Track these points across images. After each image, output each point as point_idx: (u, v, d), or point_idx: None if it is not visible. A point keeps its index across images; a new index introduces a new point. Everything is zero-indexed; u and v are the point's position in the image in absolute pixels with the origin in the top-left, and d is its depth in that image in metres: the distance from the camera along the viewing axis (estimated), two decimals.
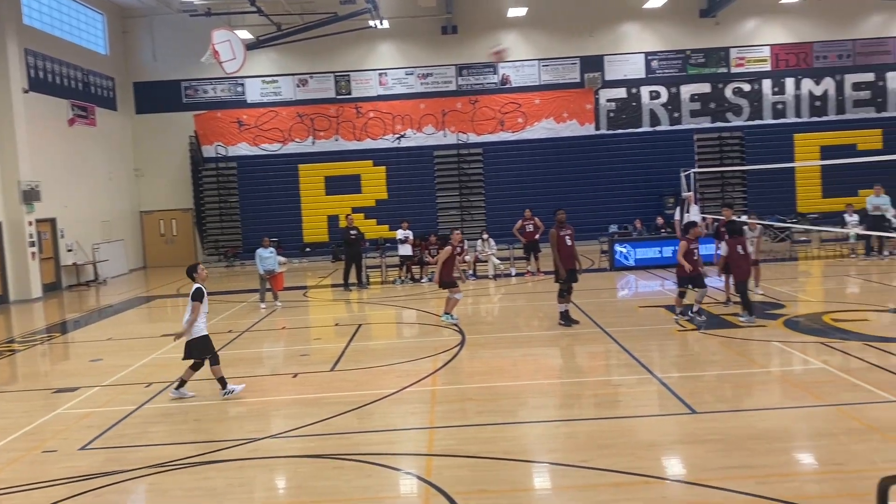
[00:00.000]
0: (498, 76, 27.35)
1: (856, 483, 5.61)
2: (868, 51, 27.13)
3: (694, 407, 7.73)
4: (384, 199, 27.27)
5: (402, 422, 7.86)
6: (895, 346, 9.83)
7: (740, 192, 27.10)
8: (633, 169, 26.72)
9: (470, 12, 26.85)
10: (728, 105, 27.38)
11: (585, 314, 13.24)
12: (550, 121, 27.35)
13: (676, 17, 26.96)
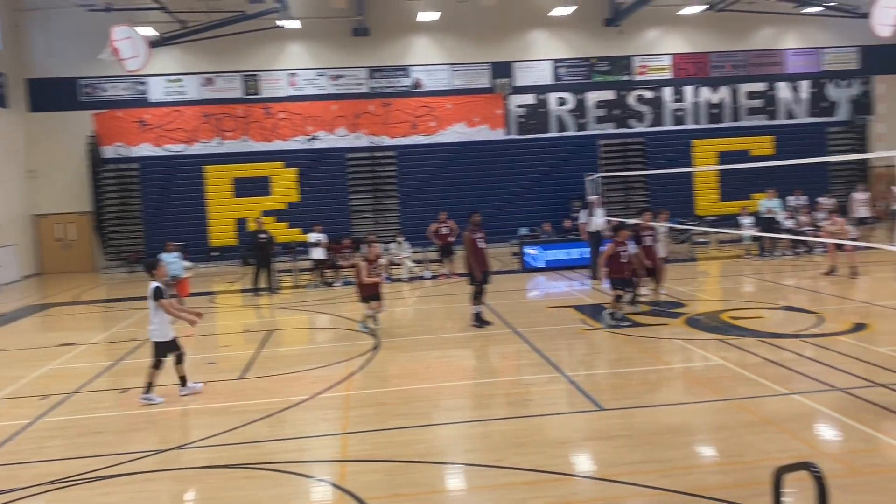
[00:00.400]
0: (410, 79, 27.40)
1: (753, 473, 5.90)
2: (760, 61, 28.68)
3: (601, 404, 7.95)
4: (295, 201, 26.84)
5: (315, 428, 7.75)
6: (787, 341, 10.41)
7: (643, 196, 28.10)
8: (542, 173, 27.29)
9: (382, 15, 26.79)
10: (631, 112, 28.35)
11: (497, 315, 13.42)
12: (462, 125, 27.62)
13: (582, 26, 27.73)
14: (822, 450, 6.48)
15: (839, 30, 28.06)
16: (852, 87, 28.96)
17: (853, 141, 28.69)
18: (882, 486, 5.60)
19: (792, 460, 4.55)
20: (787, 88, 28.76)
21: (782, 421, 7.14)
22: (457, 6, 26.18)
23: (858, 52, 28.74)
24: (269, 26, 24.73)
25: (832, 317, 11.99)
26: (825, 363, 9.12)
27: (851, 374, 8.57)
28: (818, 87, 28.85)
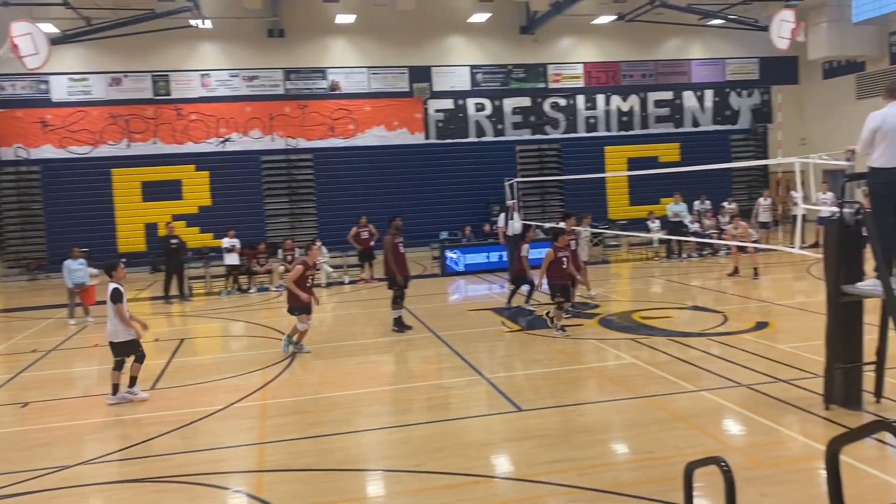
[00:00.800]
0: (327, 81, 27.12)
1: (665, 469, 6.11)
2: (667, 71, 29.78)
3: (520, 405, 8.07)
4: (208, 205, 26.11)
5: (231, 439, 7.55)
6: (695, 340, 10.84)
7: (558, 201, 28.72)
8: (462, 177, 27.50)
9: (297, 16, 26.41)
10: (546, 118, 28.93)
11: (418, 319, 13.43)
12: (381, 128, 27.53)
13: (499, 33, 28.11)
14: (729, 444, 6.77)
15: (740, 42, 29.46)
16: (753, 96, 30.44)
17: (754, 148, 30.15)
18: (783, 477, 5.90)
19: (701, 455, 4.73)
20: (693, 97, 29.96)
21: (691, 417, 7.42)
22: (374, 9, 26.08)
23: (758, 63, 30.24)
24: (180, 25, 23.98)
25: (736, 316, 12.55)
26: (730, 360, 9.54)
27: (754, 370, 8.99)
28: (721, 96, 30.19)
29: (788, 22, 21.99)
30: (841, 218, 7.20)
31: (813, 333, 10.06)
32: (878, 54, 26.95)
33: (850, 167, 7.38)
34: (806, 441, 6.64)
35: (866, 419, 6.93)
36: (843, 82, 28.78)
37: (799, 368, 8.87)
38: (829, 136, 27.45)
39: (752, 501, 5.41)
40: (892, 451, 6.13)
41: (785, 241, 20.75)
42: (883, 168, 6.99)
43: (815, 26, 26.83)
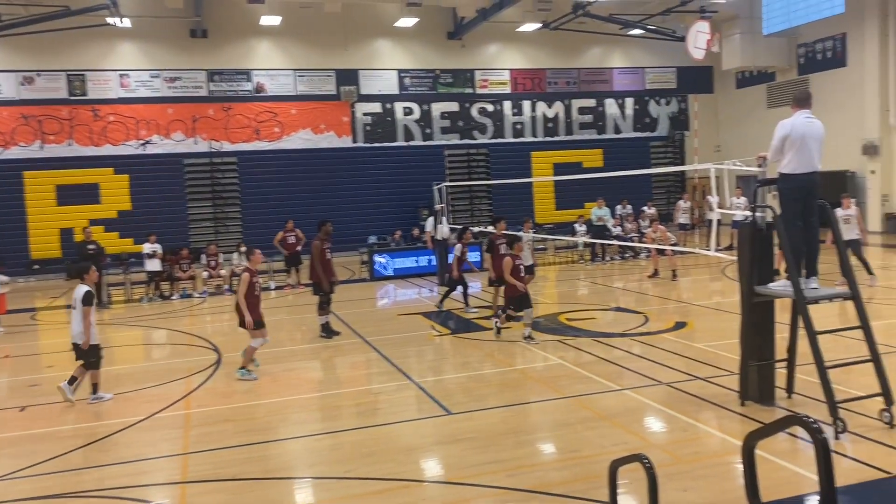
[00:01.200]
0: (252, 83, 26.63)
1: (591, 467, 6.25)
2: (590, 79, 30.51)
3: (449, 408, 8.12)
4: (127, 210, 25.25)
5: (153, 450, 7.33)
6: (617, 340, 11.12)
7: (486, 205, 29.02)
8: (390, 181, 27.46)
9: (221, 17, 25.86)
10: (474, 123, 29.20)
11: (347, 325, 13.33)
12: (308, 131, 27.22)
13: (426, 38, 28.22)
14: (651, 441, 6.98)
15: (659, 51, 30.45)
16: (671, 104, 31.51)
17: (672, 154, 31.21)
18: (703, 471, 6.12)
19: (625, 453, 4.87)
20: (615, 105, 30.79)
21: (615, 416, 7.61)
22: (300, 11, 25.79)
23: (676, 72, 31.32)
24: (97, 24, 23.14)
25: (656, 316, 12.94)
26: (651, 359, 9.84)
27: (674, 368, 9.30)
28: (641, 104, 31.13)
29: (704, 33, 22.87)
30: (753, 221, 7.53)
31: (728, 332, 10.49)
32: (787, 65, 28.33)
33: (761, 173, 7.72)
34: (723, 436, 6.90)
35: (779, 414, 7.25)
36: (754, 92, 30.12)
37: (716, 366, 9.22)
38: (741, 143, 28.69)
39: (673, 496, 5.60)
40: (803, 444, 6.44)
41: (702, 244, 21.52)
42: (791, 174, 7.35)
43: (728, 38, 28.02)
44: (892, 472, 5.86)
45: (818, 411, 6.93)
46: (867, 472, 5.90)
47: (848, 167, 25.65)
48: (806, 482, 5.75)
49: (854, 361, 7.24)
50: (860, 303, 7.12)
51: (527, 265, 14.80)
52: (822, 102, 22.02)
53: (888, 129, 24.58)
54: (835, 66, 26.53)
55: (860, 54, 25.09)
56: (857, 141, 25.09)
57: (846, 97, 25.58)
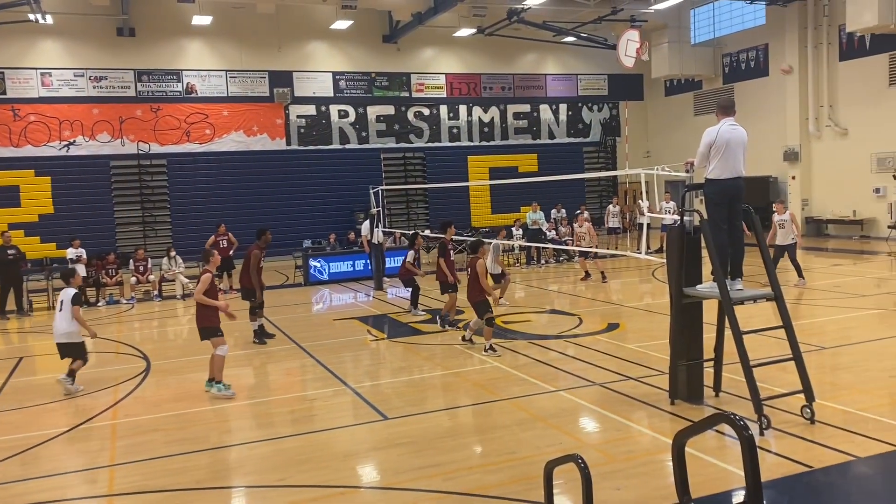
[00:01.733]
0: (182, 84, 25.98)
1: (527, 468, 6.30)
2: (525, 85, 30.90)
3: (386, 413, 8.07)
4: (49, 213, 24.28)
5: (77, 462, 7.05)
6: (552, 342, 11.27)
7: (423, 209, 29.04)
8: (326, 185, 27.19)
9: (149, 15, 25.13)
10: (410, 127, 29.19)
11: (281, 330, 13.13)
12: (240, 133, 26.70)
13: (362, 41, 28.07)
14: (586, 441, 7.09)
15: (591, 59, 31.07)
16: (603, 111, 32.18)
17: (604, 159, 31.88)
18: (635, 470, 6.25)
19: (560, 453, 4.92)
20: (549, 110, 31.27)
21: (550, 417, 7.71)
22: (232, 12, 25.31)
23: (607, 79, 32.01)
24: (16, 20, 22.19)
25: (589, 318, 13.18)
26: (585, 360, 10.00)
27: (607, 369, 9.47)
28: (574, 110, 31.69)
29: (634, 41, 23.43)
30: (682, 225, 7.75)
31: (659, 333, 10.75)
32: (713, 74, 29.31)
33: (689, 178, 7.95)
34: (654, 435, 7.06)
35: (707, 412, 7.47)
36: (682, 99, 31.04)
37: (647, 366, 9.44)
38: (670, 148, 29.54)
39: (607, 495, 5.69)
40: (730, 441, 6.65)
41: (632, 248, 22.03)
42: (717, 179, 7.60)
43: (657, 46, 28.81)
44: (813, 466, 6.11)
45: (744, 409, 7.17)
46: (790, 466, 6.12)
47: (770, 173, 26.70)
48: (733, 477, 5.93)
49: (777, 360, 7.52)
50: (782, 303, 7.40)
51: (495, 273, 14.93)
52: (745, 110, 22.85)
53: (808, 137, 25.68)
54: (757, 75, 27.59)
55: (781, 64, 26.14)
56: (778, 148, 26.13)
57: (768, 105, 26.61)
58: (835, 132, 24.94)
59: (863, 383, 8.44)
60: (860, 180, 23.99)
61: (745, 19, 28.12)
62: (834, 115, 24.98)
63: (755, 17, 27.64)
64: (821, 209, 25.70)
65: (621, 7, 25.49)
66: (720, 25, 29.24)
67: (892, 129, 22.98)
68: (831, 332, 11.15)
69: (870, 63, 23.63)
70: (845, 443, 6.53)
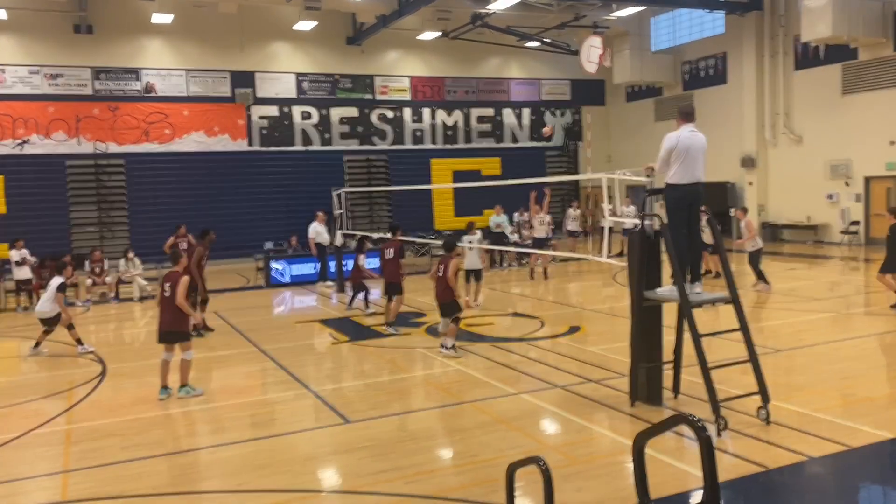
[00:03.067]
0: (141, 83, 25.51)
1: (488, 471, 6.31)
2: (488, 89, 31.04)
3: (347, 416, 8.02)
4: (1, 213, 23.64)
5: (29, 469, 6.86)
6: (515, 345, 11.32)
7: (386, 211, 28.96)
8: (288, 186, 26.93)
9: (108, 12, 24.64)
10: (374, 130, 29.10)
11: (241, 333, 12.96)
12: (201, 134, 26.33)
13: (325, 42, 27.91)
14: (547, 443, 7.13)
15: (554, 64, 31.34)
16: (565, 115, 32.48)
17: (567, 163, 32.16)
18: (596, 472, 6.30)
19: (522, 456, 4.93)
20: (512, 115, 31.45)
21: (512, 419, 7.73)
22: (193, 10, 24.96)
23: (570, 84, 32.32)
24: None
25: (551, 321, 13.26)
26: (547, 363, 10.07)
27: (568, 372, 9.54)
28: (537, 114, 31.92)
29: (596, 48, 23.70)
30: (642, 229, 7.85)
31: (619, 336, 10.85)
32: (673, 81, 29.79)
33: (649, 183, 8.06)
34: (615, 437, 7.13)
35: (666, 414, 7.57)
36: (643, 105, 31.48)
37: (607, 369, 9.53)
38: (631, 154, 29.91)
39: (568, 496, 5.73)
40: (688, 443, 6.74)
41: (594, 251, 22.24)
42: (677, 184, 7.71)
43: (619, 53, 29.18)
44: (768, 466, 6.23)
45: (702, 410, 7.28)
46: (747, 466, 6.24)
47: (728, 178, 27.21)
48: (691, 478, 6.02)
49: (734, 363, 7.65)
50: (739, 306, 7.53)
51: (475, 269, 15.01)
52: (704, 117, 23.22)
53: (764, 144, 26.25)
54: (716, 83, 28.11)
55: (739, 72, 26.68)
56: (736, 154, 26.65)
57: (726, 112, 27.13)
58: (790, 139, 25.54)
59: (816, 385, 8.64)
60: (814, 186, 24.60)
61: (705, 28, 28.64)
62: (789, 123, 25.58)
63: (714, 25, 28.17)
64: (776, 214, 26.28)
65: (584, 13, 25.76)
66: (680, 34, 29.74)
67: (844, 137, 23.62)
68: (786, 334, 11.40)
69: (824, 72, 24.25)
70: (799, 443, 6.67)
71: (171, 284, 9.02)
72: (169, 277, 9.15)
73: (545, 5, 25.62)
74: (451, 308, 10.73)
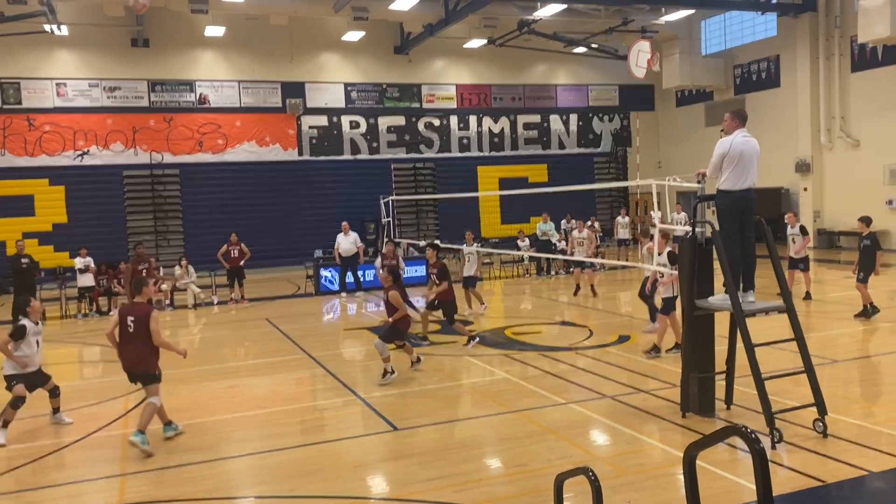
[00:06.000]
0: (195, 95, 26.17)
1: (537, 481, 6.27)
2: (535, 95, 30.95)
3: (396, 424, 8.06)
4: (63, 222, 24.49)
5: (89, 471, 7.08)
6: (563, 354, 11.24)
7: (433, 219, 29.09)
8: (336, 195, 27.30)
9: (163, 26, 25.38)
10: (421, 138, 29.28)
11: (292, 340, 13.15)
12: (253, 144, 26.87)
13: (373, 52, 28.23)
14: (596, 454, 7.06)
15: (602, 69, 31.10)
16: (613, 121, 32.18)
17: (615, 170, 31.84)
18: (646, 483, 6.21)
19: (570, 466, 4.91)
20: (559, 121, 31.30)
21: (561, 429, 7.68)
22: (245, 23, 25.52)
23: (618, 90, 32.02)
24: (33, 30, 22.46)
25: (601, 330, 13.13)
26: (596, 373, 9.96)
27: (618, 382, 9.43)
28: (585, 120, 31.70)
29: (645, 52, 23.45)
30: (694, 237, 7.72)
31: (670, 345, 10.69)
32: (724, 85, 29.26)
33: (700, 189, 7.93)
34: (665, 448, 7.02)
35: (719, 425, 7.42)
36: (693, 110, 31.00)
37: (658, 379, 9.39)
38: (681, 159, 29.48)
39: None
40: (741, 455, 6.60)
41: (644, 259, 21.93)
42: (729, 190, 7.57)
43: (668, 57, 28.81)
44: (825, 481, 6.05)
45: (756, 422, 7.12)
46: (802, 480, 6.07)
47: (782, 184, 26.58)
48: (744, 491, 5.88)
49: (789, 373, 7.47)
50: (794, 315, 7.35)
51: (467, 276, 15.10)
52: (757, 121, 22.80)
53: (819, 148, 25.57)
54: (769, 86, 27.53)
55: (792, 75, 26.08)
56: (790, 159, 26.03)
57: (780, 116, 26.53)
58: (847, 143, 24.83)
59: (875, 397, 8.38)
60: (873, 192, 23.85)
61: (757, 30, 28.09)
62: (846, 127, 24.88)
63: (766, 28, 27.61)
64: (833, 221, 25.56)
65: (632, 18, 25.52)
66: (731, 36, 29.22)
67: None
68: (844, 345, 11.07)
69: (882, 74, 23.54)
70: (858, 457, 6.47)
71: (134, 320, 7.70)
72: (131, 311, 7.84)
73: (593, 10, 25.45)
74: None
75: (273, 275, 23.53)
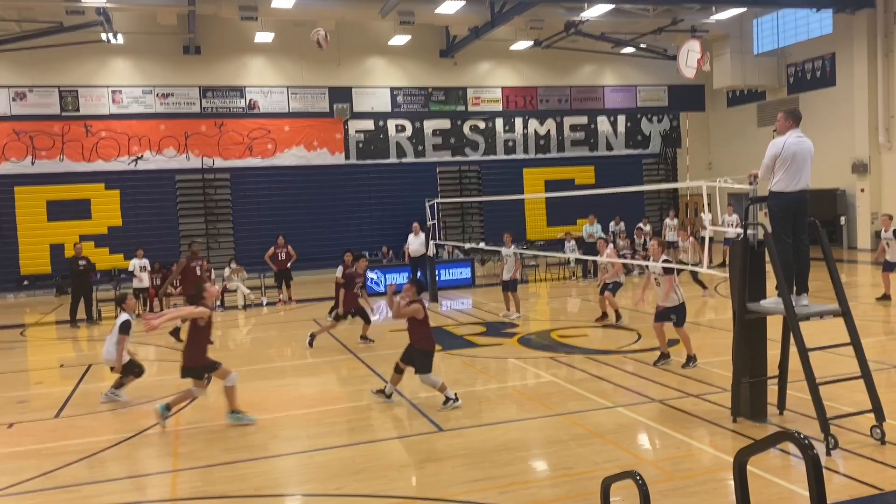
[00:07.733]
0: (245, 100, 26.68)
1: (583, 484, 6.22)
2: (582, 97, 30.70)
3: (441, 425, 8.08)
4: (118, 225, 25.19)
5: (142, 467, 7.27)
6: (610, 357, 11.11)
7: (478, 221, 29.07)
8: (382, 197, 27.51)
9: (214, 33, 25.94)
10: (466, 141, 29.30)
11: (338, 340, 13.29)
12: (301, 148, 27.26)
13: (419, 56, 28.37)
14: (644, 458, 6.96)
15: (651, 70, 30.69)
16: (663, 122, 31.71)
17: (664, 171, 31.37)
18: (695, 488, 6.10)
19: (617, 470, 4.85)
20: (606, 122, 30.98)
21: (608, 433, 7.59)
22: (293, 29, 25.89)
23: (667, 90, 31.55)
24: (90, 40, 23.20)
25: (648, 334, 12.93)
26: (643, 377, 9.83)
27: (666, 386, 9.29)
28: (633, 121, 31.31)
29: (695, 52, 23.06)
30: (745, 239, 7.56)
31: (721, 349, 10.49)
32: (777, 84, 28.59)
33: (752, 191, 7.77)
34: (715, 453, 6.89)
35: (771, 430, 7.25)
36: (745, 110, 30.36)
37: (708, 383, 9.22)
38: (732, 160, 28.88)
39: None
40: (794, 461, 6.43)
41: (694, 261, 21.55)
42: (782, 192, 7.40)
43: (719, 57, 28.28)
44: (883, 489, 5.86)
45: (810, 428, 6.94)
46: (858, 488, 5.89)
47: (838, 185, 25.85)
48: (797, 498, 5.74)
49: (845, 378, 7.25)
50: (851, 319, 7.14)
51: (506, 279, 15.02)
52: (811, 121, 22.24)
53: (877, 148, 24.80)
54: (824, 85, 26.80)
55: (849, 74, 25.35)
56: (846, 159, 25.29)
57: (835, 116, 25.81)
58: None
59: None
60: None
61: (811, 28, 27.39)
62: None
63: (821, 25, 26.90)
64: None
65: (682, 17, 25.14)
66: (784, 35, 28.55)
67: None
68: None
69: None
70: None
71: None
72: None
73: (641, 10, 25.15)
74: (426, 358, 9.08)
75: (320, 276, 23.80)
